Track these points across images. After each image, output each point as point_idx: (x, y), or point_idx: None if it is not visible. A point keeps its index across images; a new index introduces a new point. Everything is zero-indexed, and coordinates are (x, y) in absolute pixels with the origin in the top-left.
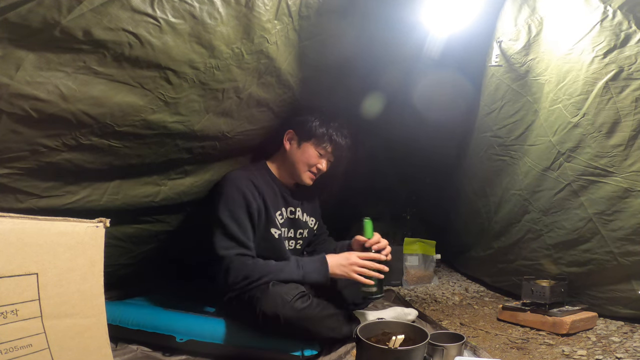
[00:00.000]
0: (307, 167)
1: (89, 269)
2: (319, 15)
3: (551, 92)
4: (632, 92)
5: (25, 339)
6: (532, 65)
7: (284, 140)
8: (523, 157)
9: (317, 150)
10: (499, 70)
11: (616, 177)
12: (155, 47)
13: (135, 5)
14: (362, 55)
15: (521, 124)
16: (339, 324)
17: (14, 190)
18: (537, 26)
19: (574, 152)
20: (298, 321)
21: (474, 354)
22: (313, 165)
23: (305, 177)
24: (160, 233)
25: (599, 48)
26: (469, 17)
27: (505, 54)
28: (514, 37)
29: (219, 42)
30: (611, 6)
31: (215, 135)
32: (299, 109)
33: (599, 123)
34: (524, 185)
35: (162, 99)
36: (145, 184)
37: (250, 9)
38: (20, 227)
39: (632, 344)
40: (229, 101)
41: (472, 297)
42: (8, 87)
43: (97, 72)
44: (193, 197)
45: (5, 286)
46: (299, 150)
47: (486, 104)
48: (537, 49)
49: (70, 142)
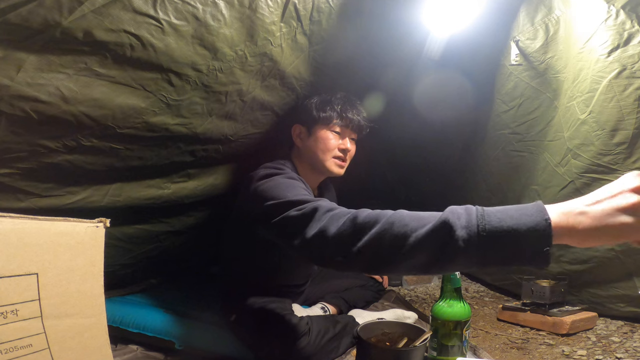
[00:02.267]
0: (329, 153)
1: (89, 269)
2: (329, 20)
3: (569, 89)
4: (635, 90)
5: (25, 339)
6: (551, 63)
7: (294, 138)
8: (543, 153)
9: (330, 131)
10: (517, 68)
11: (619, 175)
12: (158, 48)
13: (137, 7)
14: (364, 56)
15: (541, 120)
16: (337, 342)
17: (14, 189)
18: (554, 25)
19: (579, 149)
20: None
21: (474, 354)
22: (334, 149)
23: (332, 165)
24: (161, 233)
25: (603, 47)
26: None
27: (523, 52)
28: (531, 36)
29: (222, 44)
30: (614, 5)
31: (218, 138)
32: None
33: (603, 121)
34: (540, 180)
35: (164, 101)
36: (148, 186)
37: (253, 11)
38: (20, 227)
39: (632, 344)
40: (233, 104)
41: (472, 297)
42: (9, 88)
43: (98, 73)
44: (195, 200)
45: (5, 286)
46: (312, 139)
47: (503, 101)
48: (555, 47)
49: (71, 144)
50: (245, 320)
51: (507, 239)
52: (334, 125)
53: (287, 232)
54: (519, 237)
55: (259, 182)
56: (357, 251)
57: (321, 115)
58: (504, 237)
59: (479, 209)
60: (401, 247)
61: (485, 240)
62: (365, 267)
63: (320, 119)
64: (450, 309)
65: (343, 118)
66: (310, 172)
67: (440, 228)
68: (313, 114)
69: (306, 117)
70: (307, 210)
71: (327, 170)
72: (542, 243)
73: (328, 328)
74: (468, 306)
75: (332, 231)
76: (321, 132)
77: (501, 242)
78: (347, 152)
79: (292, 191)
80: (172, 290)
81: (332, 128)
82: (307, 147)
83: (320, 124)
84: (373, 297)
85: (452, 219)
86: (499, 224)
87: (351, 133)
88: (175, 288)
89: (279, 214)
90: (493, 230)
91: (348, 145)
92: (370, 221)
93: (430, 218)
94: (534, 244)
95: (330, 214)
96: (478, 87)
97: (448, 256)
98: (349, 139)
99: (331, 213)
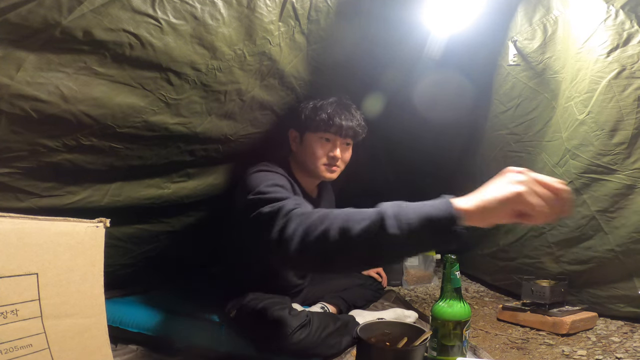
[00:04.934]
0: (317, 160)
1: (89, 269)
2: (327, 19)
3: (567, 89)
4: (634, 90)
5: (25, 339)
6: (549, 63)
7: (290, 142)
8: (540, 153)
9: (320, 138)
10: (515, 69)
11: (619, 175)
12: (156, 48)
13: (136, 6)
14: (364, 56)
15: (539, 120)
16: (339, 338)
17: (14, 189)
18: (552, 25)
19: (578, 150)
20: (297, 351)
21: (474, 354)
22: (322, 157)
23: (323, 171)
24: (160, 233)
25: (603, 47)
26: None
27: (521, 52)
28: (529, 36)
29: (221, 43)
30: (614, 6)
31: (218, 138)
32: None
33: (602, 121)
34: None
35: (163, 100)
36: (148, 186)
37: (252, 10)
38: (20, 227)
39: (632, 344)
40: (232, 103)
41: (472, 297)
42: (9, 87)
43: (97, 72)
44: (195, 199)
45: (5, 286)
46: (302, 146)
47: (501, 102)
48: (553, 48)
49: (70, 143)
50: (245, 316)
51: (426, 224)
52: (322, 133)
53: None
54: (434, 222)
55: (245, 176)
56: (306, 247)
57: (311, 123)
58: (424, 224)
59: (402, 203)
60: (345, 242)
61: (410, 227)
62: (313, 263)
63: (310, 125)
64: (450, 309)
65: (331, 125)
66: (306, 176)
67: (375, 220)
68: (303, 120)
69: (298, 122)
70: (274, 209)
71: (319, 175)
72: (450, 224)
73: (328, 323)
74: (468, 306)
75: (289, 230)
76: (310, 139)
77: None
78: (336, 159)
79: (268, 182)
80: (172, 290)
81: (321, 135)
82: (299, 153)
83: (309, 130)
84: (372, 296)
85: (384, 211)
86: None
87: (342, 139)
88: (175, 288)
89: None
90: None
91: (337, 153)
92: (320, 219)
93: (369, 212)
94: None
95: (291, 214)
96: (477, 88)
97: (380, 246)
98: (342, 145)
99: (292, 212)
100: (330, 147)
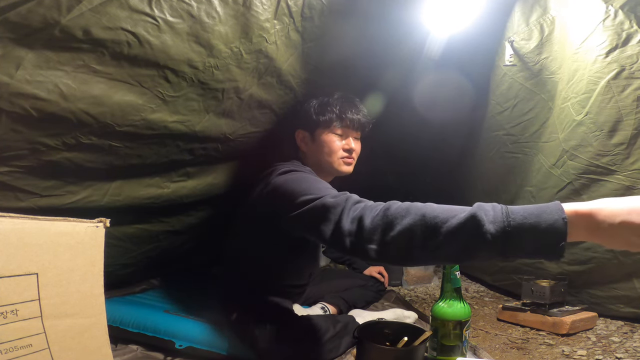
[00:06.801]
0: (334, 155)
1: (89, 269)
2: (322, 17)
3: (563, 90)
4: (634, 91)
5: (25, 339)
6: (546, 63)
7: (299, 143)
8: (537, 154)
9: (333, 134)
10: (512, 69)
11: (618, 176)
12: (154, 46)
13: (134, 5)
14: (363, 55)
15: (535, 121)
16: (339, 341)
17: (14, 188)
18: (549, 25)
19: (576, 151)
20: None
21: (474, 354)
22: (339, 150)
23: (340, 165)
24: (160, 233)
25: (601, 47)
26: (471, 17)
27: (518, 53)
28: (526, 36)
29: (218, 41)
30: (613, 6)
31: (217, 136)
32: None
33: (601, 122)
34: (535, 182)
35: (160, 97)
36: (148, 185)
37: (248, 8)
38: (20, 227)
39: (632, 344)
40: (230, 101)
41: (472, 297)
42: (8, 86)
43: (96, 71)
44: (195, 199)
45: (5, 286)
46: (316, 144)
47: (498, 102)
48: (550, 48)
49: (70, 141)
50: (247, 319)
51: (529, 234)
52: (335, 128)
53: (318, 221)
54: (539, 233)
55: (280, 177)
56: (390, 241)
57: (321, 119)
58: (526, 233)
59: (504, 206)
60: (432, 238)
61: (509, 235)
62: (395, 257)
63: (321, 122)
64: (450, 309)
65: (343, 119)
66: (319, 174)
67: (469, 221)
68: (313, 119)
69: (307, 121)
70: (341, 200)
71: (336, 170)
72: (557, 239)
73: (328, 327)
74: (468, 306)
75: (367, 221)
76: (324, 135)
77: (523, 237)
78: (352, 151)
79: (320, 184)
80: (172, 290)
81: (334, 130)
82: (312, 152)
83: (321, 127)
84: (373, 297)
85: (480, 214)
86: (522, 220)
87: (354, 132)
88: (175, 288)
89: (308, 202)
90: (517, 226)
91: (352, 145)
92: (402, 212)
93: (459, 211)
94: (551, 240)
95: (363, 205)
96: (475, 88)
97: (475, 248)
98: (353, 138)
99: (363, 204)
100: (344, 140)
